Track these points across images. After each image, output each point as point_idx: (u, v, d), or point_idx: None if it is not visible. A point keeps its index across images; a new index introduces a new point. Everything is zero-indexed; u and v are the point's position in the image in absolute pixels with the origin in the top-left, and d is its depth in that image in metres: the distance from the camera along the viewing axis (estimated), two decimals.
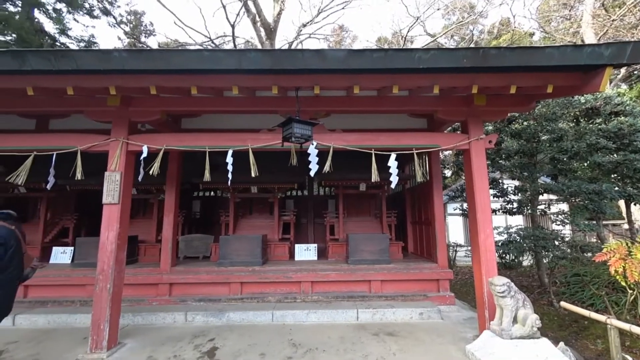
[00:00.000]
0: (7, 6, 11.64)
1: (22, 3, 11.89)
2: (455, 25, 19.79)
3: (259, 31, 15.24)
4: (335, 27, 25.66)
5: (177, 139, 3.73)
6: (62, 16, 14.07)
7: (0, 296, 2.12)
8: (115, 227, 3.50)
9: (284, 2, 15.10)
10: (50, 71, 2.71)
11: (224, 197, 8.00)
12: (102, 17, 15.19)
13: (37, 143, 3.64)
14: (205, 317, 4.24)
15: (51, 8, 13.48)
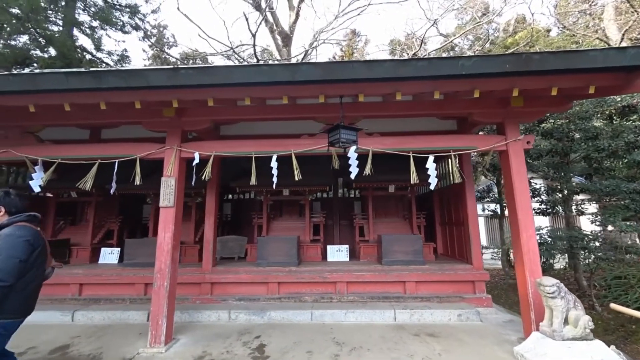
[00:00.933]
0: (51, 26, 12.53)
1: (63, 22, 12.76)
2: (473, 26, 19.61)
3: (276, 39, 15.66)
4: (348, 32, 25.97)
5: (225, 146, 3.98)
6: (97, 33, 15.00)
7: (27, 293, 2.16)
8: (171, 228, 3.76)
9: (300, 10, 15.52)
10: (122, 88, 3.00)
11: (253, 200, 8.29)
12: (132, 32, 16.05)
13: (101, 152, 3.98)
14: (247, 315, 4.44)
15: (87, 26, 14.41)
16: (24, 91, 3.06)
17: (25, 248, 2.06)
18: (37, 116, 4.05)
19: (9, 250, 2.00)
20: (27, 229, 2.18)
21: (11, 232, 2.08)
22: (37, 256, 2.17)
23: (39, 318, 4.45)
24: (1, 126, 4.13)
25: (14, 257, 1.99)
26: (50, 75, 2.97)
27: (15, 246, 2.03)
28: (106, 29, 15.59)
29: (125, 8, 15.45)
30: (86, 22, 14.23)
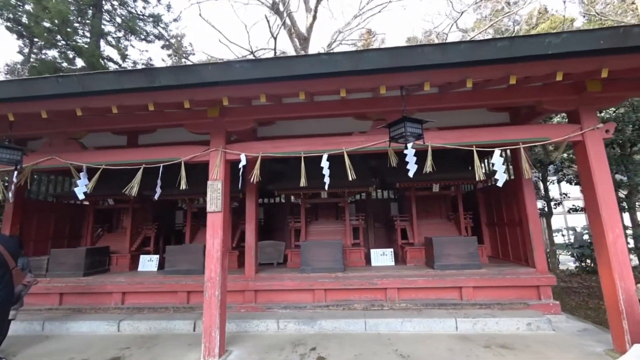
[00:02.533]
0: (79, 38, 12.90)
1: (91, 34, 13.12)
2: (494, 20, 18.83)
3: (294, 42, 15.59)
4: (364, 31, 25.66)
5: (272, 146, 3.77)
6: (122, 43, 15.38)
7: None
8: (220, 234, 3.57)
9: (317, 12, 15.40)
10: (173, 86, 2.83)
11: (284, 204, 8.09)
12: (155, 41, 16.36)
13: (145, 156, 3.85)
14: (297, 325, 4.19)
15: (113, 37, 14.79)
16: (72, 94, 2.94)
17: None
18: (82, 122, 3.99)
19: None
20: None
21: None
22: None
23: (85, 329, 4.40)
24: (46, 133, 4.09)
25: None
26: (101, 75, 2.84)
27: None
28: (130, 40, 15.97)
29: (149, 18, 15.76)
30: (112, 32, 14.62)
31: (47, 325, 4.46)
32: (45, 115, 3.22)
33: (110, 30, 14.62)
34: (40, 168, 4.00)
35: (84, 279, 5.06)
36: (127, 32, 14.87)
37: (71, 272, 5.11)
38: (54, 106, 3.14)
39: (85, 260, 5.18)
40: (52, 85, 2.85)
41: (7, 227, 5.36)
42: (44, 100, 3.03)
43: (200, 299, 4.81)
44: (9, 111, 3.18)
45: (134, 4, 15.64)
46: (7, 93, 2.96)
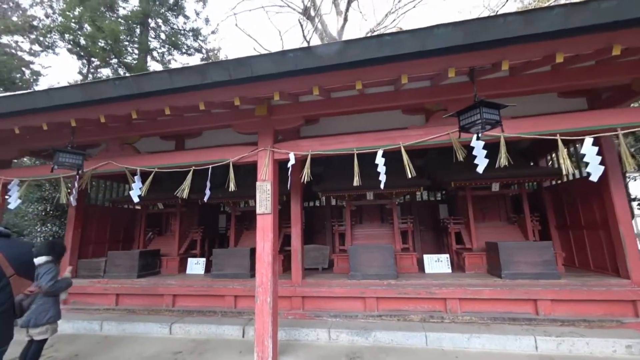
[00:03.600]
0: (129, 55, 13.92)
1: (139, 50, 14.09)
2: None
3: None
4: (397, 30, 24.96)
5: (321, 144, 3.54)
6: (165, 58, 16.39)
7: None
8: (270, 237, 3.41)
9: (347, 15, 15.22)
10: (224, 82, 2.72)
11: (324, 207, 7.85)
12: (195, 54, 17.21)
13: (194, 158, 3.83)
14: (350, 335, 3.89)
15: (158, 52, 15.81)
16: (128, 96, 2.95)
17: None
18: (135, 127, 4.09)
19: None
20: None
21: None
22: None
23: (140, 330, 4.47)
24: (103, 140, 4.25)
25: None
26: (154, 75, 2.82)
27: None
28: (173, 54, 16.97)
29: (189, 32, 16.61)
30: (157, 48, 15.61)
31: (105, 325, 4.62)
32: (104, 120, 3.29)
33: (155, 46, 15.64)
34: (98, 173, 4.14)
35: (137, 280, 5.21)
36: (170, 47, 15.80)
37: (126, 274, 5.29)
38: (111, 110, 3.20)
39: (138, 263, 5.34)
40: (110, 88, 2.88)
41: (70, 230, 5.72)
42: (102, 105, 3.09)
43: (247, 304, 4.73)
44: (71, 117, 3.30)
45: (175, 20, 16.61)
46: (68, 98, 3.05)
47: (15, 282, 1.91)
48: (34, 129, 3.67)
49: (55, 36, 13.13)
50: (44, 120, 3.35)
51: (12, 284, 1.88)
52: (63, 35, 12.48)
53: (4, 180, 4.30)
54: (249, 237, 6.33)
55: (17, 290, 1.92)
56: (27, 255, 2.08)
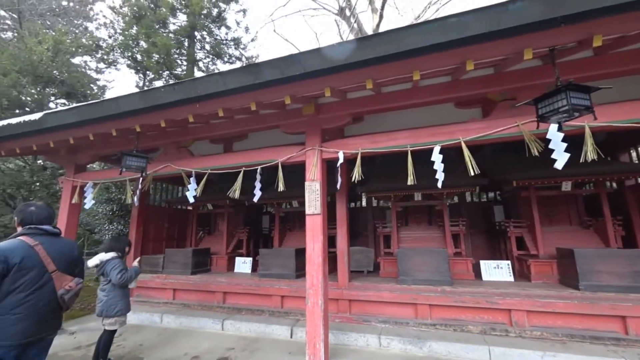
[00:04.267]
0: (178, 67, 14.99)
1: (187, 61, 15.10)
2: None
3: None
4: None
5: (371, 141, 3.41)
6: (209, 68, 17.39)
7: (11, 320, 1.87)
8: (320, 238, 3.34)
9: (383, 12, 14.88)
10: (277, 80, 2.71)
11: (367, 208, 7.64)
12: (236, 62, 18.03)
13: (244, 159, 3.92)
14: (402, 344, 3.68)
15: (203, 63, 16.83)
16: (184, 100, 3.08)
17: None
18: (190, 131, 4.30)
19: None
20: (12, 242, 1.99)
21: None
22: (16, 278, 1.89)
23: (195, 324, 4.69)
24: (161, 144, 4.54)
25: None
26: (208, 78, 2.91)
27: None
28: (216, 63, 17.95)
29: (231, 42, 17.45)
30: (202, 59, 16.63)
31: (165, 318, 4.92)
32: (163, 124, 3.50)
33: (200, 56, 16.68)
34: (157, 175, 4.43)
35: (191, 277, 5.49)
36: (213, 57, 16.73)
37: (181, 270, 5.61)
38: (169, 115, 3.37)
39: (192, 260, 5.63)
40: (168, 93, 3.04)
41: (133, 228, 6.23)
42: (162, 110, 3.27)
43: (294, 304, 4.73)
44: (136, 123, 3.55)
45: (218, 31, 17.55)
46: (132, 105, 3.28)
47: (58, 277, 2.08)
48: (105, 136, 4.02)
49: (117, 53, 14.57)
50: (113, 127, 3.65)
51: (54, 279, 2.06)
52: (123, 52, 13.83)
53: (80, 183, 4.79)
54: (293, 237, 6.37)
55: (59, 286, 2.08)
56: (69, 253, 2.23)
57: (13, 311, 1.89)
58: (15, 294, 1.90)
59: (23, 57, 6.34)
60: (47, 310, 2.03)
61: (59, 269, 2.09)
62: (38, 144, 4.17)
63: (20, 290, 1.91)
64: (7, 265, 1.87)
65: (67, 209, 4.93)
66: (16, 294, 1.90)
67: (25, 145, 4.26)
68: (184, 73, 15.19)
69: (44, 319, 2.02)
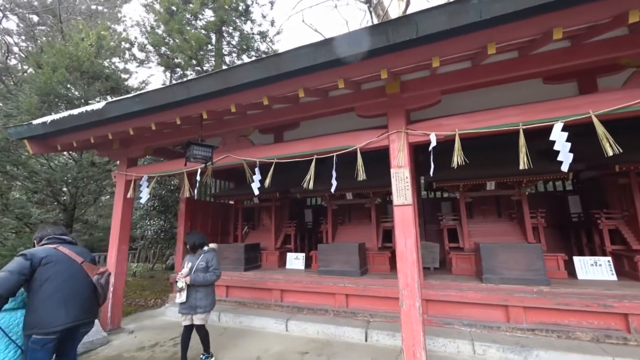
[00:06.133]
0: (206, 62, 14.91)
1: (216, 56, 14.98)
2: None
3: None
4: None
5: (471, 120, 2.96)
6: (234, 62, 17.24)
7: (49, 308, 2.13)
8: (413, 232, 2.95)
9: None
10: (375, 52, 2.32)
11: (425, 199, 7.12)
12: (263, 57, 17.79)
13: (313, 147, 3.58)
14: (501, 352, 3.24)
15: (229, 58, 16.69)
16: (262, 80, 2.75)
17: (16, 263, 2.10)
18: (250, 118, 4.00)
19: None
20: (38, 248, 2.30)
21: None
22: (45, 271, 2.18)
23: (256, 324, 4.45)
24: (220, 133, 4.27)
25: (3, 270, 2.05)
26: (295, 52, 2.54)
27: (10, 262, 2.11)
28: (242, 58, 17.79)
29: (257, 35, 17.21)
30: (229, 54, 16.49)
31: (223, 316, 4.72)
32: (234, 109, 3.19)
33: (227, 52, 16.53)
34: (216, 166, 4.16)
35: (245, 273, 5.27)
36: (239, 51, 16.56)
37: (233, 267, 5.40)
38: (243, 98, 3.07)
39: (244, 256, 5.41)
40: (248, 72, 2.72)
41: (182, 223, 6.08)
42: (236, 93, 2.97)
43: (360, 304, 4.38)
44: (204, 109, 3.27)
45: (244, 25, 17.35)
46: (204, 89, 3.00)
47: (88, 267, 2.39)
48: (163, 126, 3.80)
49: (149, 50, 14.66)
50: (179, 114, 3.40)
51: (85, 268, 2.37)
52: (157, 49, 13.91)
53: (135, 177, 4.63)
54: (344, 232, 6.01)
55: (92, 274, 2.38)
56: (88, 253, 2.55)
57: (53, 298, 2.15)
58: (48, 283, 2.16)
59: (69, 52, 6.30)
60: (84, 297, 2.32)
61: (86, 260, 2.41)
62: (96, 136, 4.01)
63: (51, 280, 2.17)
64: (33, 261, 2.14)
65: (121, 203, 4.80)
66: (48, 283, 2.16)
67: (82, 139, 4.11)
68: (212, 68, 15.12)
69: (82, 304, 2.29)
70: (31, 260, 2.15)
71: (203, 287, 3.26)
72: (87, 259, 2.44)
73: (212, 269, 3.34)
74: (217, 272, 3.35)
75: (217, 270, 3.37)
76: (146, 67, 15.83)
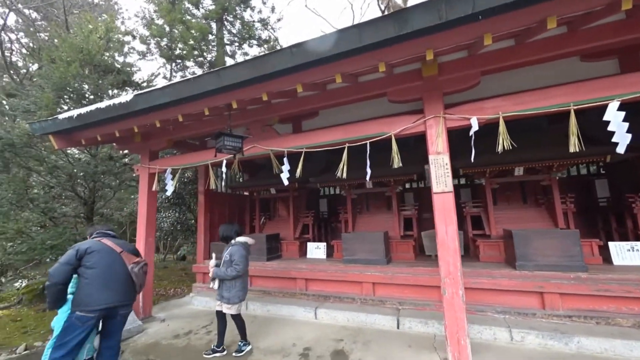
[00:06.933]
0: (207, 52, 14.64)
1: (217, 46, 14.67)
2: None
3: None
4: None
5: (515, 102, 2.83)
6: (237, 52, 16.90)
7: (90, 290, 2.46)
8: (453, 219, 2.88)
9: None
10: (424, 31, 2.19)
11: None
12: (264, 45, 17.39)
13: (344, 135, 3.47)
14: (540, 338, 3.21)
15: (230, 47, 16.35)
16: (298, 67, 2.64)
17: (67, 255, 2.50)
18: (274, 107, 3.91)
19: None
20: (85, 241, 2.69)
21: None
22: (89, 258, 2.52)
23: (284, 312, 4.49)
24: (244, 123, 4.18)
25: (58, 262, 2.47)
26: (340, 34, 2.41)
27: (64, 255, 2.52)
28: (243, 48, 17.41)
29: (258, 22, 16.80)
30: (230, 43, 16.14)
31: (250, 305, 4.75)
32: (266, 98, 3.10)
33: (228, 41, 16.17)
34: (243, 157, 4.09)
35: (268, 263, 5.27)
36: (241, 40, 16.22)
37: (256, 257, 5.39)
38: (275, 85, 2.96)
39: (266, 246, 5.41)
40: (285, 58, 2.60)
41: (201, 215, 6.09)
42: (269, 80, 2.86)
43: (387, 292, 4.37)
44: (234, 98, 3.18)
45: (244, 13, 16.90)
46: (237, 77, 2.90)
47: (126, 256, 2.67)
48: (191, 117, 3.72)
49: (149, 42, 14.40)
50: (207, 105, 3.31)
51: (123, 257, 2.66)
52: (156, 40, 13.66)
53: (158, 169, 4.59)
54: (363, 221, 5.97)
55: (129, 262, 2.65)
56: (130, 246, 2.86)
57: (95, 282, 2.48)
58: (91, 269, 2.50)
59: (81, 46, 6.17)
60: (121, 282, 2.59)
61: (124, 250, 2.70)
62: (121, 129, 3.95)
63: (94, 267, 2.51)
64: (78, 251, 2.51)
65: (146, 196, 4.79)
66: (91, 269, 2.50)
67: (107, 132, 4.05)
68: (214, 59, 14.86)
69: (119, 289, 2.57)
70: (77, 251, 2.52)
71: (227, 280, 3.24)
72: (125, 249, 2.72)
73: (234, 264, 3.24)
74: (237, 268, 3.19)
75: (238, 265, 3.20)
76: (148, 60, 15.47)
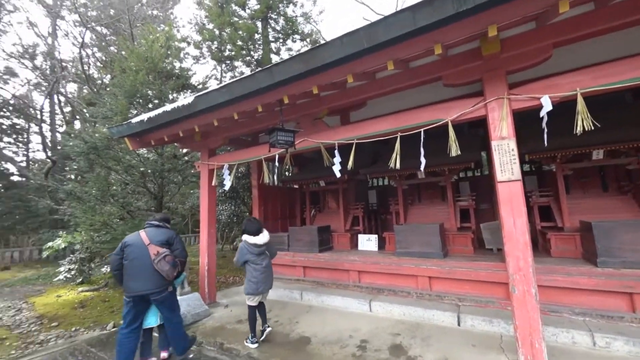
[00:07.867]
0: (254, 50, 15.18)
1: (263, 44, 15.14)
2: None
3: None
4: None
5: (595, 76, 2.47)
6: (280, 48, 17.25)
7: (128, 277, 2.93)
8: (523, 211, 2.64)
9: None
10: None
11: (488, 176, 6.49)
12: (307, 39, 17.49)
13: (397, 123, 3.37)
14: (630, 345, 2.82)
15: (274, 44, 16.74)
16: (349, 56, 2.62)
17: (117, 247, 3.03)
18: (323, 100, 3.93)
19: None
20: (129, 235, 3.13)
21: None
22: (126, 251, 2.97)
23: (338, 303, 4.55)
24: (293, 118, 4.29)
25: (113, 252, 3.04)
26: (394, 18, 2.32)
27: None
28: (287, 44, 17.69)
29: (300, 17, 16.91)
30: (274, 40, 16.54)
31: (305, 295, 4.93)
32: (316, 91, 3.14)
33: (272, 37, 16.57)
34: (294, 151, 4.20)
35: (320, 255, 5.40)
36: (284, 36, 16.50)
37: (308, 248, 5.57)
38: (326, 78, 2.97)
39: (318, 238, 5.53)
40: (337, 49, 2.60)
41: (256, 208, 6.45)
42: (320, 73, 2.89)
43: (444, 287, 4.19)
44: (285, 93, 3.28)
45: (287, 9, 17.11)
46: (287, 72, 2.97)
47: (151, 248, 2.97)
48: (245, 115, 3.92)
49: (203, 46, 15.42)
50: (260, 102, 3.47)
51: (149, 249, 2.96)
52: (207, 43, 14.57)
53: (217, 165, 4.95)
54: (415, 212, 5.77)
55: (153, 254, 2.95)
56: (164, 235, 3.14)
57: (127, 272, 2.93)
58: (127, 261, 2.94)
59: (146, 55, 6.87)
60: (148, 272, 2.91)
61: (152, 242, 3.01)
62: (185, 129, 4.32)
63: (127, 259, 2.94)
64: (122, 244, 3.01)
65: (206, 190, 5.21)
66: (127, 261, 2.94)
67: (173, 132, 4.47)
68: (260, 57, 15.36)
69: (146, 278, 2.91)
70: (122, 244, 3.02)
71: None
72: (153, 241, 3.03)
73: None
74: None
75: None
76: (201, 63, 16.57)
